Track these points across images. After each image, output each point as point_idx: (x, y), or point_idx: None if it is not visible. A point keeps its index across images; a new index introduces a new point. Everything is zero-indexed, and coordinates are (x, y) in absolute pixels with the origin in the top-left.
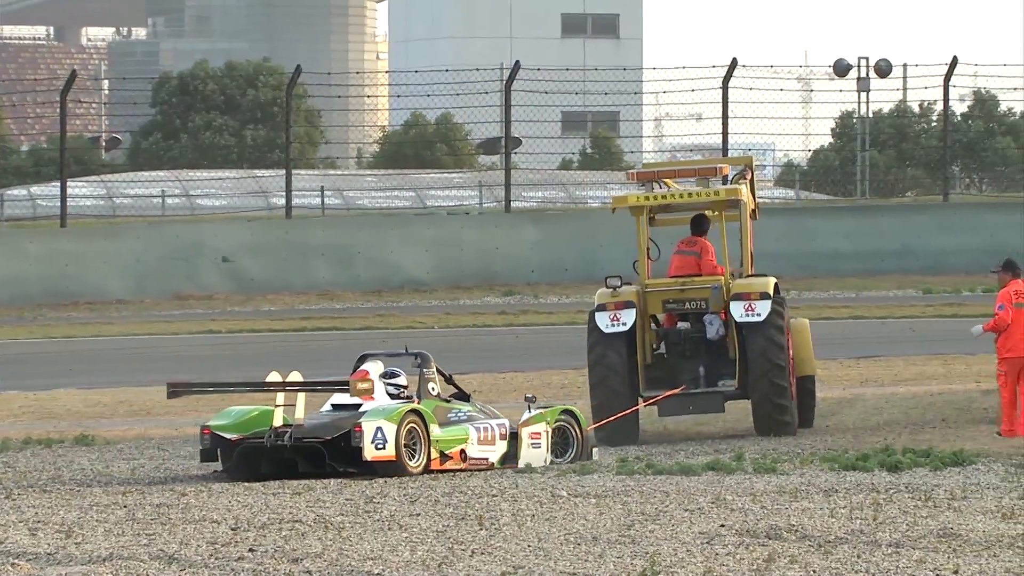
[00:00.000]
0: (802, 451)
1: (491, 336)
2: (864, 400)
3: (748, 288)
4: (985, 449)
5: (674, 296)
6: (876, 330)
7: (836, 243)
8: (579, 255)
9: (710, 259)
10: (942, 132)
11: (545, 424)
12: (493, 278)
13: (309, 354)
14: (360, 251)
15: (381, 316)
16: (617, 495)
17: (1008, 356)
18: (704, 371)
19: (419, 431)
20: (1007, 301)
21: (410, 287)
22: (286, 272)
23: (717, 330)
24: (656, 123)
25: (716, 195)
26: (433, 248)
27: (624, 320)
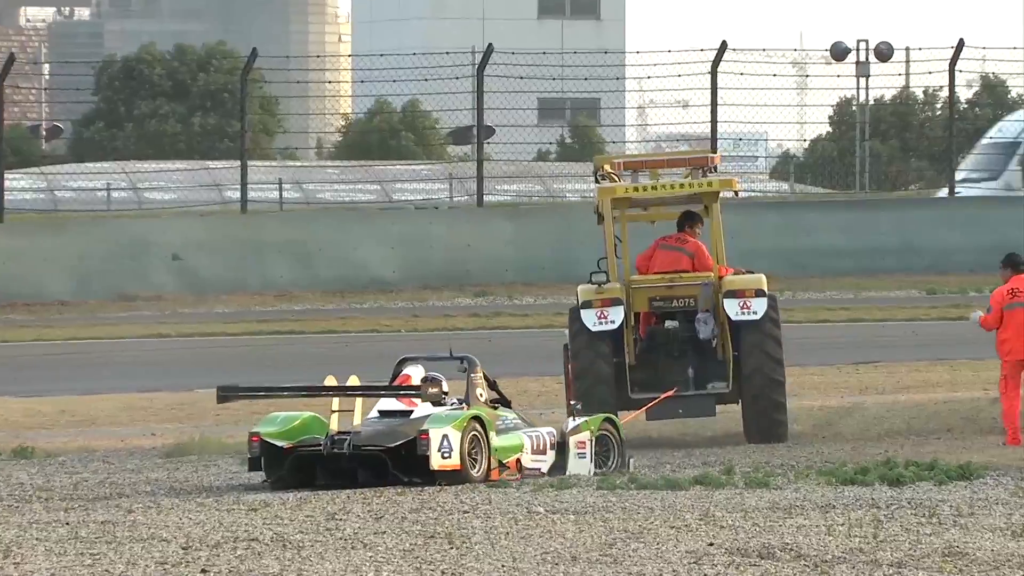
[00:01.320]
0: (797, 464)
1: (462, 340)
2: (864, 409)
3: (742, 285)
4: (993, 461)
5: (661, 293)
6: (876, 333)
7: (833, 240)
8: (557, 253)
9: (705, 259)
10: (948, 120)
11: (590, 433)
12: (464, 278)
13: (267, 360)
14: (321, 248)
15: (343, 318)
16: (598, 511)
17: (1009, 359)
18: (693, 373)
19: (481, 439)
20: (997, 303)
21: (375, 287)
22: (241, 271)
23: (712, 330)
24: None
25: (709, 186)
26: (400, 245)
27: (612, 318)
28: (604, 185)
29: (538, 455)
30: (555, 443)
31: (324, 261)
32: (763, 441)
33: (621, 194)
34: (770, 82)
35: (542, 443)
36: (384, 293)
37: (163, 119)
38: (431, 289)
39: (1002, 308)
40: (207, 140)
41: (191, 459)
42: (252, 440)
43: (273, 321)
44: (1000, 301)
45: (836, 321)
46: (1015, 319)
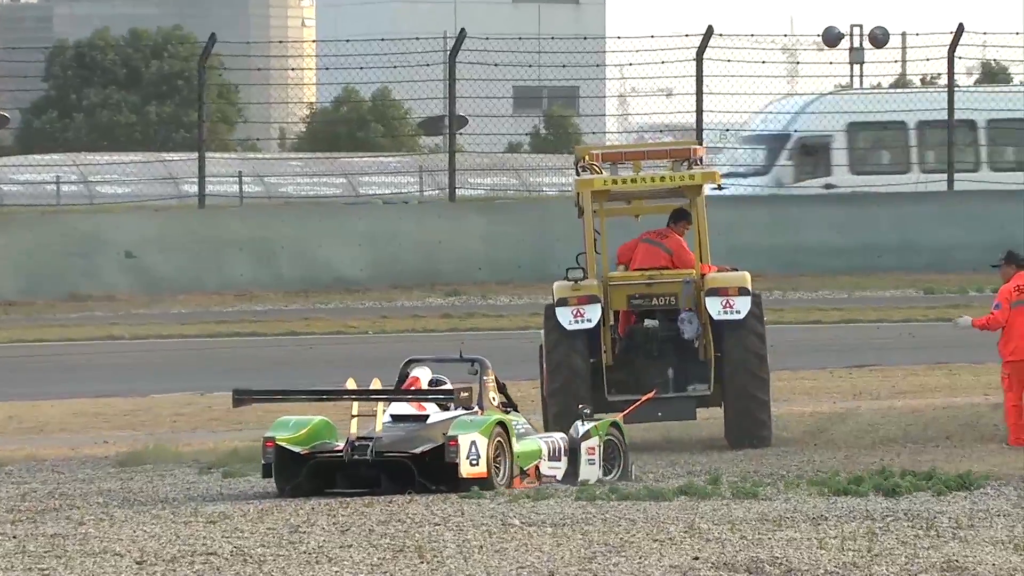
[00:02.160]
0: (787, 473)
1: (433, 342)
2: (858, 415)
3: (725, 283)
4: (995, 470)
5: (641, 291)
6: (871, 335)
7: (825, 236)
8: (533, 250)
9: (686, 256)
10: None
11: (598, 439)
12: (435, 276)
13: (226, 363)
14: (283, 245)
15: (307, 319)
16: (577, 523)
17: (1012, 359)
18: (673, 374)
19: (504, 446)
20: (1005, 299)
21: (340, 286)
22: (198, 269)
23: (696, 329)
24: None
25: (691, 179)
26: (367, 242)
27: (589, 316)
28: (582, 177)
29: (554, 462)
30: (567, 449)
31: (287, 259)
32: (746, 446)
33: (600, 187)
34: (759, 69)
35: (557, 449)
36: (350, 293)
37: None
38: (400, 289)
39: (1010, 306)
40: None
41: (146, 468)
42: (266, 446)
43: (232, 322)
44: (1008, 298)
45: (829, 322)
46: (1021, 317)
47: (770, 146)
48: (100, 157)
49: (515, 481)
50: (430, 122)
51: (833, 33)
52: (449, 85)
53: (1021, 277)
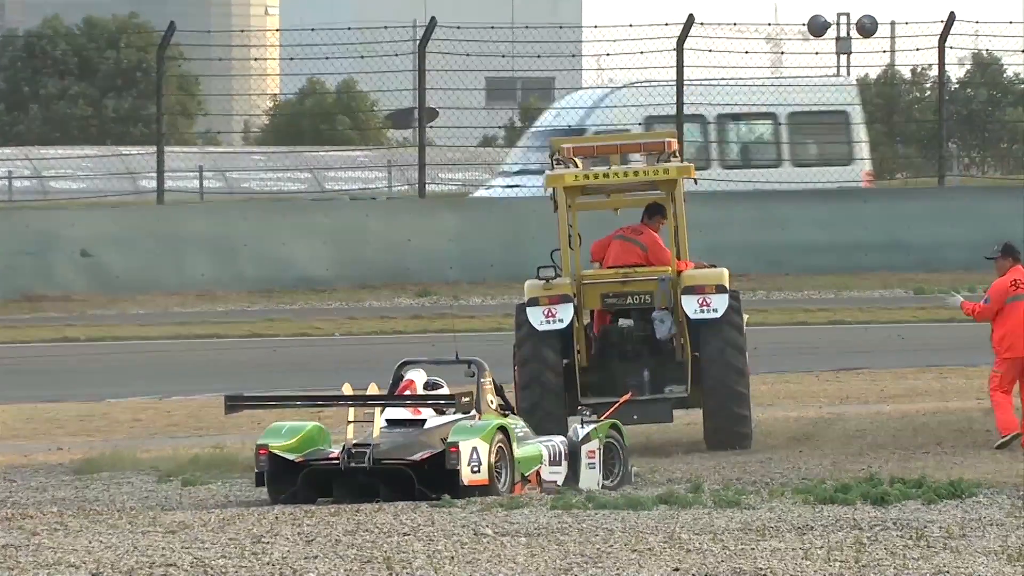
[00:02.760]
0: (771, 481)
1: (402, 344)
2: (845, 420)
3: (701, 280)
4: (987, 478)
5: (615, 289)
6: (859, 337)
7: (811, 234)
8: (507, 249)
9: (661, 253)
10: (937, 102)
11: (598, 441)
12: (405, 276)
13: (186, 366)
14: (246, 243)
15: (271, 321)
16: (552, 533)
17: (1008, 356)
18: (649, 375)
19: (506, 451)
20: (998, 294)
21: (305, 286)
22: (157, 268)
23: (669, 329)
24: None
25: (665, 173)
26: (333, 240)
27: (560, 316)
28: (552, 172)
29: (555, 467)
30: (567, 453)
31: (249, 257)
32: (725, 447)
33: (571, 182)
34: (742, 60)
35: (557, 453)
36: (316, 293)
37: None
38: (368, 288)
39: (1004, 301)
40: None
41: (102, 476)
42: (260, 453)
43: (193, 324)
44: (1003, 293)
45: (814, 323)
46: (1016, 313)
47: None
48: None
49: (516, 487)
50: (399, 115)
51: (819, 22)
52: (419, 76)
53: (1018, 271)
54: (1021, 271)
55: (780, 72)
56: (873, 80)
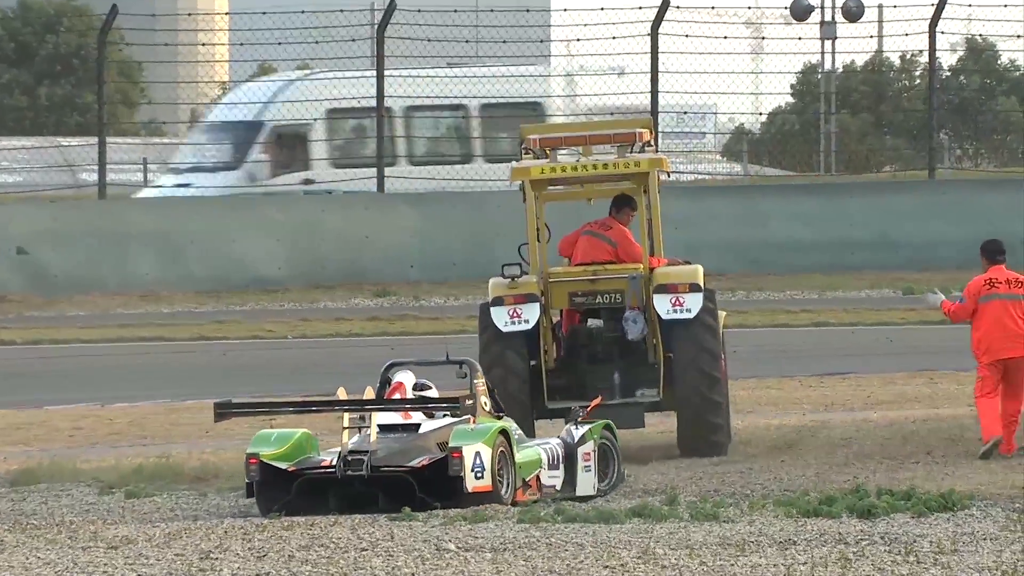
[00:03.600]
0: (751, 493)
1: (359, 348)
2: (829, 428)
3: (674, 278)
4: (981, 489)
5: (584, 288)
6: (844, 340)
7: (795, 231)
8: (470, 246)
9: (632, 249)
10: (927, 91)
11: (593, 443)
12: (362, 275)
13: (130, 371)
14: (193, 240)
15: (220, 323)
16: (519, 548)
17: (987, 360)
18: (619, 378)
19: (507, 456)
20: (973, 294)
21: (257, 286)
22: (98, 267)
23: (641, 329)
24: (568, 80)
25: (636, 166)
26: (286, 237)
27: (526, 316)
28: (518, 164)
29: (553, 470)
30: (564, 456)
31: (197, 255)
32: (699, 454)
33: (537, 175)
34: (720, 46)
35: (555, 457)
36: (267, 293)
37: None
38: (323, 288)
39: (977, 300)
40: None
41: (40, 488)
42: (250, 463)
43: (137, 326)
44: (976, 292)
45: (797, 326)
46: (990, 312)
47: (240, 137)
48: None
49: (518, 493)
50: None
51: (802, 6)
52: (377, 62)
53: (995, 270)
54: (1003, 271)
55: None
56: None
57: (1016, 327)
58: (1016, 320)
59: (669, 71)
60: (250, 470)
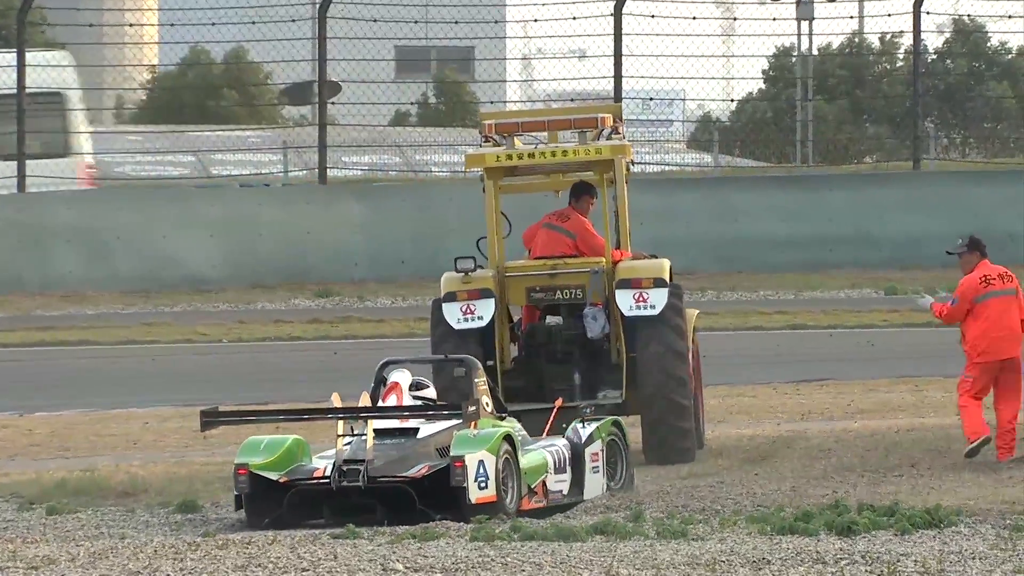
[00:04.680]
0: (722, 508)
1: (300, 353)
2: (807, 439)
3: (638, 273)
4: (969, 505)
5: (542, 283)
6: (823, 344)
7: (768, 226)
8: (420, 242)
9: (593, 241)
10: (912, 76)
11: (601, 442)
12: (304, 273)
13: (51, 377)
14: (120, 236)
15: (149, 325)
16: (472, 568)
17: (981, 361)
18: (580, 379)
19: (512, 462)
20: (967, 292)
21: (189, 285)
22: (16, 265)
23: (602, 327)
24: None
25: (598, 153)
26: (221, 232)
27: (480, 313)
28: (472, 152)
29: (560, 474)
30: (571, 457)
31: (124, 253)
32: (666, 461)
33: (492, 163)
34: (689, 27)
35: (561, 459)
36: (201, 293)
37: None
38: (261, 288)
39: (973, 300)
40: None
41: None
42: (239, 473)
43: (59, 329)
44: (972, 291)
45: (772, 328)
46: (991, 310)
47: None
48: None
49: (523, 502)
50: (296, 89)
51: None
52: (319, 45)
53: (986, 267)
54: (990, 266)
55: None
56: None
57: (1015, 326)
58: (1014, 318)
59: (633, 54)
60: (239, 481)
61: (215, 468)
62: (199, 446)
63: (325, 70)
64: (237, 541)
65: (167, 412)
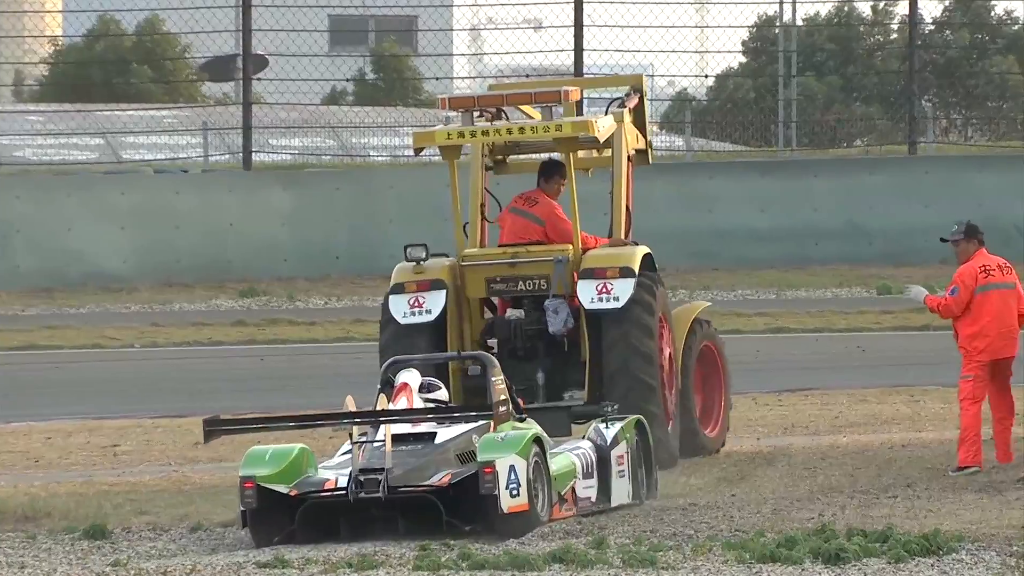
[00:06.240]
0: (695, 533)
1: (223, 359)
2: (790, 455)
3: (604, 261)
4: (970, 529)
5: (503, 273)
6: (807, 349)
7: (748, 217)
8: (356, 235)
9: (562, 226)
10: (907, 49)
11: (626, 444)
12: (225, 270)
13: None
14: (19, 228)
15: (52, 328)
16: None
17: (982, 359)
18: (544, 379)
19: (542, 467)
20: (967, 282)
21: (98, 283)
22: None
23: (564, 321)
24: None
25: (558, 130)
26: (133, 224)
27: (429, 306)
28: (420, 130)
29: (587, 480)
30: (597, 460)
31: (24, 247)
32: None
33: (442, 141)
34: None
35: (589, 463)
36: (111, 292)
37: None
38: (178, 287)
39: (973, 290)
40: None
41: None
42: (245, 487)
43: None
44: (973, 282)
45: (751, 332)
46: (990, 304)
47: None
48: None
49: (553, 509)
50: (218, 63)
51: None
52: (243, 13)
53: (984, 256)
54: (988, 255)
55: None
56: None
57: (1014, 323)
58: (1014, 314)
59: (596, 24)
60: (245, 496)
61: (126, 488)
62: (108, 464)
63: (250, 42)
64: (151, 571)
65: (72, 426)
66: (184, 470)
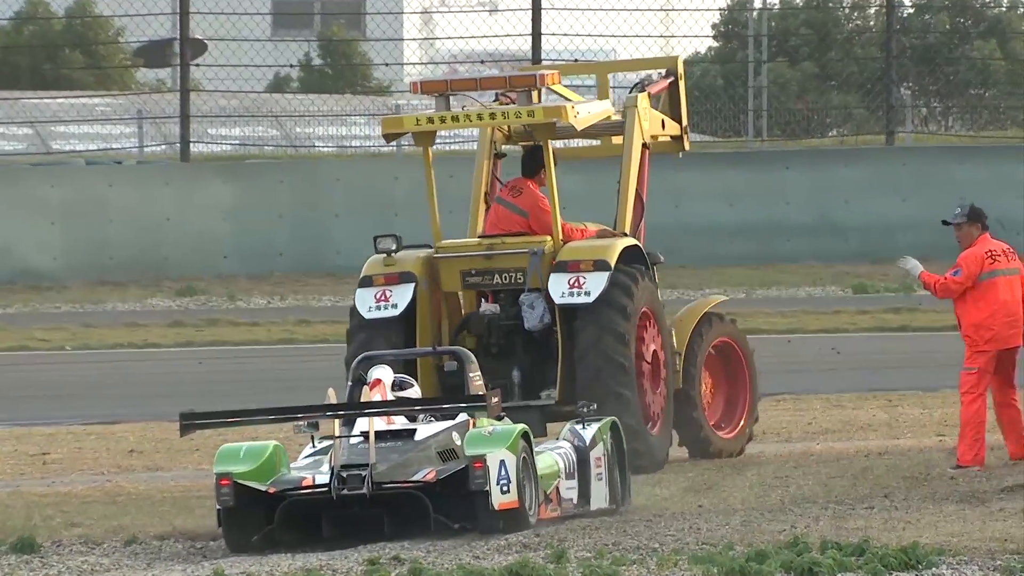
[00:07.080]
0: (660, 546)
1: (159, 362)
2: (759, 464)
3: (579, 254)
4: (951, 542)
5: (478, 266)
6: (779, 352)
7: (715, 211)
8: (301, 231)
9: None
10: (885, 34)
11: (603, 446)
12: (161, 268)
13: None
14: None
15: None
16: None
17: (988, 348)
18: (519, 376)
19: (529, 464)
20: (972, 266)
21: (25, 281)
22: None
23: (540, 316)
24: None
25: (530, 116)
26: (64, 219)
27: (395, 300)
28: (389, 116)
29: (569, 480)
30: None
31: None
32: None
33: (411, 127)
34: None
35: (571, 463)
36: (39, 291)
37: None
38: (111, 285)
39: (978, 276)
40: None
41: None
42: (221, 484)
43: None
44: (979, 267)
45: None
46: (996, 292)
47: None
48: None
49: (541, 509)
50: (153, 48)
51: None
52: None
53: (989, 241)
54: (993, 240)
55: None
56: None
57: (1019, 310)
58: (1019, 301)
59: (555, 7)
60: (222, 493)
61: (56, 499)
62: (37, 473)
63: (188, 25)
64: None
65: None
66: (118, 479)
